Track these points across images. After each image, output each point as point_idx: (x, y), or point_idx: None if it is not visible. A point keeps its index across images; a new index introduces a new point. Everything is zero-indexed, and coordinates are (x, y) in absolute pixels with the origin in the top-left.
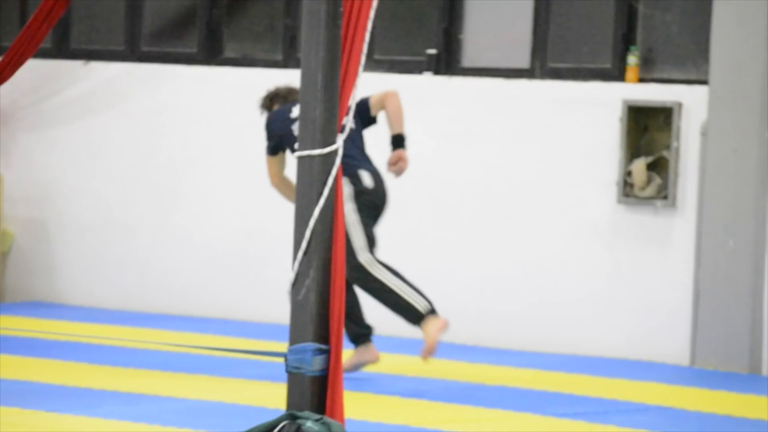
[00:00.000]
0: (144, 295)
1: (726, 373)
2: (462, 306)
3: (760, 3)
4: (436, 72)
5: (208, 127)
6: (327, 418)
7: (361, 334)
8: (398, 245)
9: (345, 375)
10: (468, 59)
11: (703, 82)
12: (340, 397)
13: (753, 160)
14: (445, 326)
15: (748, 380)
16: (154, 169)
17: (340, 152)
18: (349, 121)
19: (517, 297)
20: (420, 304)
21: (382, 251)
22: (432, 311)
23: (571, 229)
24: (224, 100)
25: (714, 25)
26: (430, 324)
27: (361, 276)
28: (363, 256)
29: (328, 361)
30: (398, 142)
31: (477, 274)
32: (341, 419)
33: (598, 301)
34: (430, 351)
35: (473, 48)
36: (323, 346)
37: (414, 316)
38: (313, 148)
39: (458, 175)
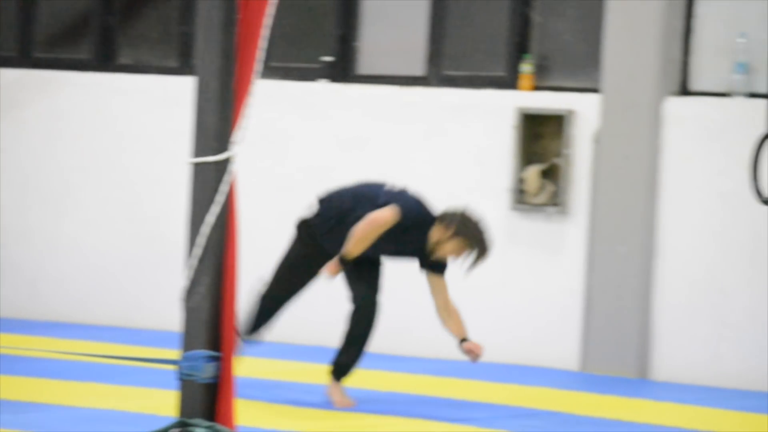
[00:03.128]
0: (36, 303)
1: (616, 377)
2: None
3: (652, 11)
4: (332, 79)
5: (101, 133)
6: (217, 425)
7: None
8: None
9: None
10: (364, 67)
11: (595, 90)
12: (231, 404)
13: (644, 167)
14: (347, 405)
15: (638, 385)
16: (47, 175)
17: (234, 159)
18: None
19: (408, 302)
20: (351, 371)
21: (274, 255)
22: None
23: None
24: (118, 107)
25: (606, 34)
26: (340, 392)
27: (371, 310)
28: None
29: (219, 369)
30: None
31: None
32: (231, 426)
33: (490, 307)
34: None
35: (369, 55)
36: (215, 353)
37: (342, 371)
38: (207, 155)
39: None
